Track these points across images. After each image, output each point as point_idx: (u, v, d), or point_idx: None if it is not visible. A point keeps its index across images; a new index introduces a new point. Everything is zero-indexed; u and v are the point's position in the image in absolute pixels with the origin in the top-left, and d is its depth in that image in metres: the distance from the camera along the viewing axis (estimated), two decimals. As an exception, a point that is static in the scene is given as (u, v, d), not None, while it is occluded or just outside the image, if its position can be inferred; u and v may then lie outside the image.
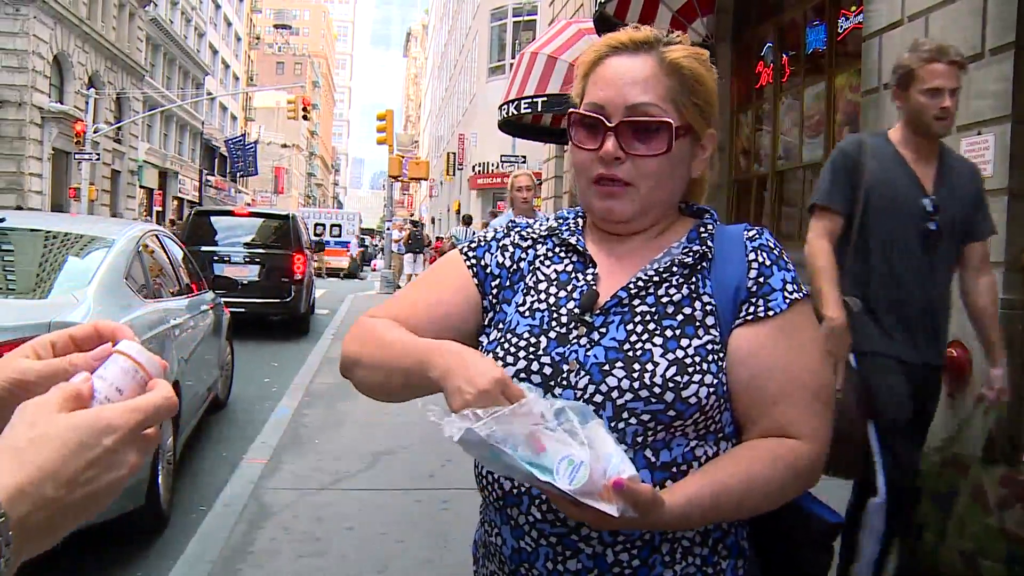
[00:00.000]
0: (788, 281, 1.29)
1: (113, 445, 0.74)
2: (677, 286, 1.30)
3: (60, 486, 0.71)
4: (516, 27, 33.73)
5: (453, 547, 4.21)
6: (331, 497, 4.96)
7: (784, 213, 9.68)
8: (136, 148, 38.48)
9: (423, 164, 27.73)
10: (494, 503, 1.32)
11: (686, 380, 1.21)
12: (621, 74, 1.31)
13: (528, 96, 12.91)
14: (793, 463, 1.23)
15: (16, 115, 27.69)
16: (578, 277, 1.35)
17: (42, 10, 28.26)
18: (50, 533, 0.72)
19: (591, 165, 1.32)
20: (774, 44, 9.81)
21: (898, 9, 6.57)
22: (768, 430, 1.26)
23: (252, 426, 6.75)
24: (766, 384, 1.25)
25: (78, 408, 0.76)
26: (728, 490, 1.18)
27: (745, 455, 1.23)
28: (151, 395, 0.80)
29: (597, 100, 1.32)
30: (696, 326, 1.26)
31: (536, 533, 1.26)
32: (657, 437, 1.22)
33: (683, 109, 1.31)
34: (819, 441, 1.27)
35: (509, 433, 1.02)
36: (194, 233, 12.64)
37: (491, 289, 1.40)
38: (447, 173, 42.64)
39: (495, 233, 1.47)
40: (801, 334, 1.29)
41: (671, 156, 1.30)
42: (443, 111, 60.47)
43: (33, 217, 7.63)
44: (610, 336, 1.27)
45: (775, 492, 1.23)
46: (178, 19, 46.47)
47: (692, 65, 1.32)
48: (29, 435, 0.72)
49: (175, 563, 3.97)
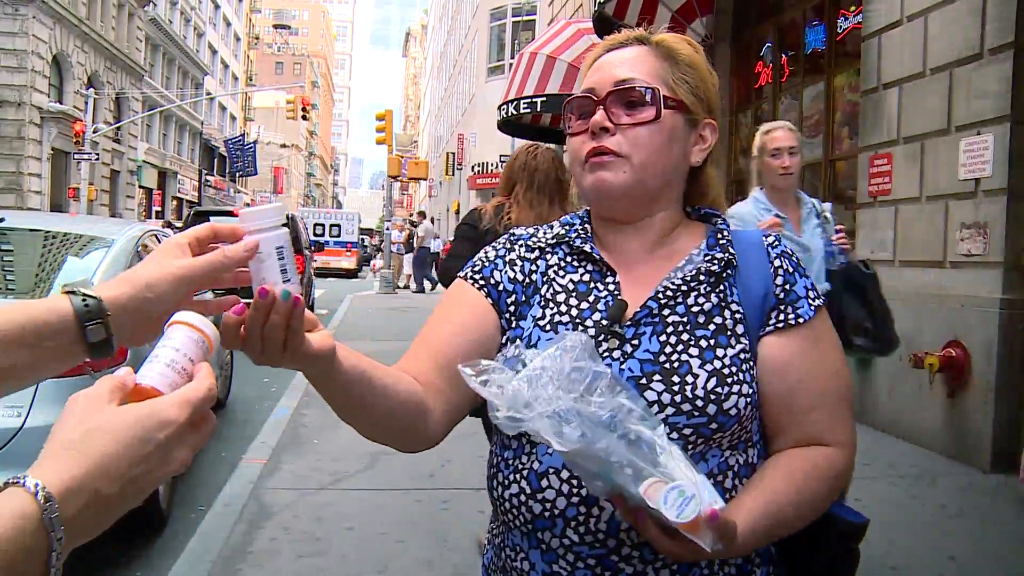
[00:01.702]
0: (809, 288, 1.30)
1: (166, 440, 0.75)
2: (705, 295, 1.27)
3: (113, 482, 0.71)
4: (515, 27, 33.72)
5: (453, 547, 4.21)
6: (331, 497, 4.96)
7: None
8: (135, 148, 38.46)
9: (422, 164, 27.74)
10: (521, 527, 1.25)
11: (727, 391, 1.19)
12: (611, 60, 1.33)
13: (527, 96, 12.90)
14: (829, 471, 1.24)
15: (15, 115, 27.68)
16: (598, 287, 1.30)
17: (41, 10, 28.24)
18: (96, 526, 0.72)
19: (582, 147, 1.30)
20: (773, 44, 9.81)
21: (897, 9, 6.57)
22: (801, 438, 1.26)
23: (251, 426, 6.74)
24: (799, 394, 1.25)
25: (125, 399, 0.77)
26: (782, 511, 1.18)
27: (792, 470, 1.22)
28: (198, 385, 0.81)
29: (587, 85, 1.32)
30: (728, 335, 1.24)
31: (572, 556, 1.20)
32: (696, 450, 1.19)
33: (674, 86, 1.30)
34: (850, 445, 1.28)
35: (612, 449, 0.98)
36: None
37: (507, 307, 1.34)
38: (446, 173, 42.63)
39: (496, 250, 1.41)
40: (827, 340, 1.30)
41: (662, 126, 1.28)
42: (442, 111, 60.44)
43: (32, 217, 7.62)
44: (643, 348, 1.23)
45: (820, 504, 1.24)
46: (177, 19, 46.45)
47: (682, 47, 1.33)
48: (83, 428, 0.73)
49: (175, 562, 3.97)
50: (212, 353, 0.87)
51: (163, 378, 0.81)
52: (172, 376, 0.82)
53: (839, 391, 1.28)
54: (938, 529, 4.48)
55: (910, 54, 6.41)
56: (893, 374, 6.32)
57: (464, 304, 1.35)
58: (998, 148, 5.52)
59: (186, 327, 0.86)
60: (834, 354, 1.30)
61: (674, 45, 1.33)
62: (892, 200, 6.62)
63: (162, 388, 0.80)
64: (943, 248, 6.02)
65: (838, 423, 1.27)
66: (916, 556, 4.14)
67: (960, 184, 5.86)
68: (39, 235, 5.00)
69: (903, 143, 6.51)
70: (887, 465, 5.58)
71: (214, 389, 0.81)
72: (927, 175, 6.23)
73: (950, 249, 5.96)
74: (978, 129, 5.70)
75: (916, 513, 4.76)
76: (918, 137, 6.33)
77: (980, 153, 5.66)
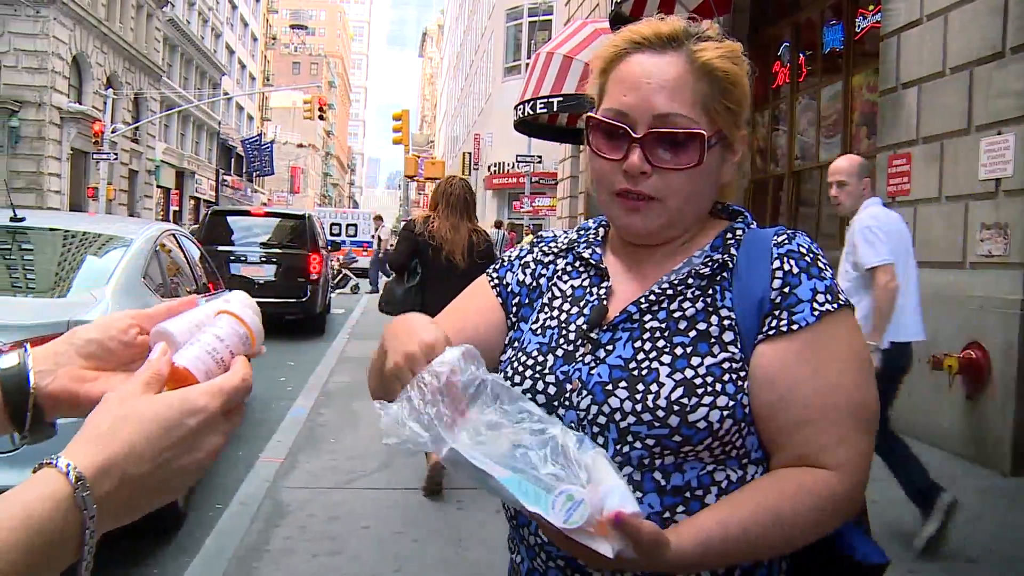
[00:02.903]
0: (820, 291, 1.15)
1: (197, 426, 0.76)
2: (692, 299, 1.19)
3: (143, 463, 0.72)
4: (532, 27, 33.73)
5: (468, 546, 4.21)
6: (346, 496, 4.97)
7: (801, 213, 9.64)
8: (153, 148, 38.71)
9: (439, 164, 27.86)
10: (509, 521, 1.28)
11: (694, 403, 1.10)
12: (646, 77, 1.18)
13: (544, 96, 12.90)
14: (819, 499, 1.09)
15: (36, 115, 27.91)
16: (592, 292, 1.27)
17: (62, 11, 28.46)
18: (130, 510, 0.73)
19: (613, 177, 1.21)
20: (791, 43, 9.77)
21: (917, 8, 6.52)
22: (795, 457, 1.13)
23: (268, 425, 6.77)
24: (788, 405, 1.12)
25: (160, 388, 0.78)
26: (744, 532, 1.06)
27: (768, 489, 1.11)
28: (232, 375, 0.81)
29: (620, 107, 1.19)
30: (711, 343, 1.15)
31: (545, 555, 1.20)
32: (665, 461, 1.12)
33: (715, 115, 1.19)
34: (852, 472, 1.12)
35: (492, 451, 0.96)
36: (211, 233, 12.69)
37: (512, 308, 1.34)
38: (463, 173, 42.68)
39: (519, 251, 1.41)
40: (831, 350, 1.14)
41: (702, 169, 1.18)
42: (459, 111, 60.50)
43: (52, 216, 7.68)
44: (616, 354, 1.18)
45: (798, 534, 1.10)
46: (195, 20, 46.72)
47: (726, 66, 1.20)
48: (114, 415, 0.74)
49: (191, 560, 3.99)
50: (253, 349, 0.88)
51: (201, 363, 0.82)
52: (210, 363, 0.82)
53: (842, 407, 1.12)
54: (957, 532, 4.44)
55: (930, 53, 6.36)
56: (912, 375, 6.27)
57: (478, 299, 1.37)
58: (1019, 148, 5.47)
59: (234, 320, 0.86)
60: (839, 366, 1.14)
61: (716, 63, 1.19)
62: (911, 200, 6.57)
63: (197, 374, 0.81)
64: (963, 249, 5.97)
65: (839, 443, 1.11)
66: (933, 559, 4.10)
67: (980, 184, 5.81)
68: (59, 234, 5.04)
69: (922, 143, 6.46)
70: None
71: (249, 380, 0.82)
72: (946, 175, 6.18)
73: (970, 250, 5.91)
74: (999, 129, 5.65)
75: (935, 516, 4.72)
76: (937, 137, 6.28)
77: (1001, 153, 5.60)
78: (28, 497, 0.66)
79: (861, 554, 1.18)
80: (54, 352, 0.87)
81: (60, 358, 0.86)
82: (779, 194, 9.97)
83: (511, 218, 32.35)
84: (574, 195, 18.25)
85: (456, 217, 5.28)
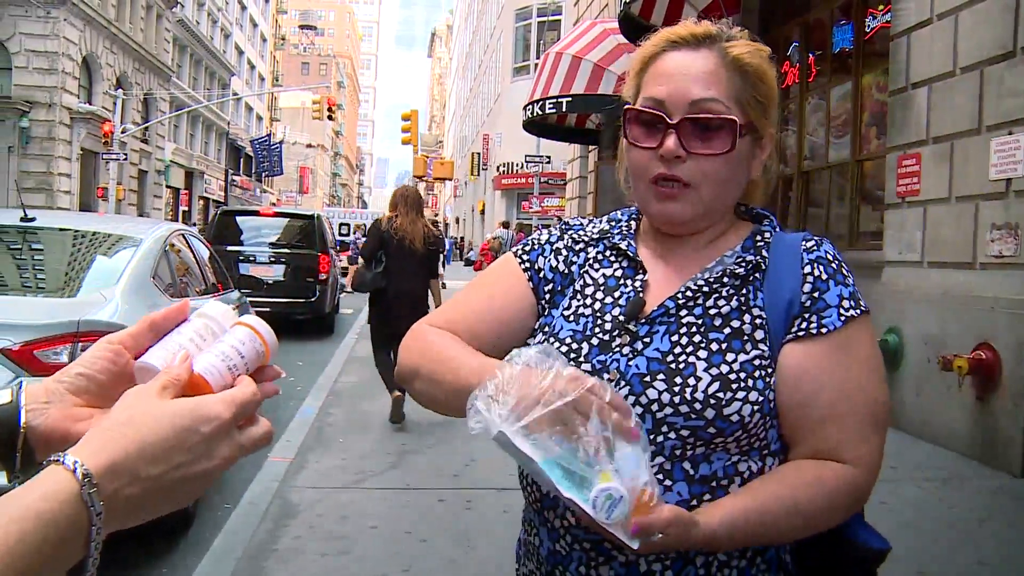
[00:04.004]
0: (845, 297, 1.24)
1: (209, 434, 0.76)
2: (727, 298, 1.25)
3: (153, 464, 0.72)
4: (541, 27, 33.72)
5: (477, 547, 4.21)
6: (355, 496, 4.98)
7: (810, 214, 9.61)
8: (163, 148, 38.84)
9: (448, 164, 27.89)
10: (532, 504, 1.31)
11: (729, 397, 1.17)
12: (682, 68, 1.26)
13: (553, 96, 12.91)
14: (836, 489, 1.19)
15: (46, 116, 28.05)
16: (626, 283, 1.31)
17: (72, 12, 28.59)
18: (137, 511, 0.74)
19: (649, 164, 1.26)
20: (800, 43, 9.74)
21: (927, 7, 6.49)
22: (815, 451, 1.21)
23: (277, 424, 6.74)
24: (814, 404, 1.20)
25: (177, 394, 0.78)
26: (768, 514, 1.14)
27: (790, 477, 1.19)
28: (244, 388, 0.81)
29: (656, 95, 1.26)
30: (744, 340, 1.22)
31: (571, 537, 1.24)
32: (696, 451, 1.19)
33: (746, 107, 1.26)
34: (867, 467, 1.21)
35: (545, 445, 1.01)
36: (220, 233, 12.73)
37: (544, 294, 1.37)
38: (471, 173, 42.69)
39: (548, 235, 1.43)
40: (855, 353, 1.23)
41: (733, 156, 1.25)
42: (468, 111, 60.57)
43: (62, 216, 7.71)
44: (654, 347, 1.23)
45: (818, 519, 1.19)
46: (204, 20, 46.83)
47: (756, 61, 1.28)
48: (128, 414, 0.74)
49: (200, 560, 4.00)
50: (267, 362, 0.88)
51: (216, 372, 0.82)
52: (225, 373, 0.82)
53: (862, 408, 1.21)
54: (966, 533, 4.42)
55: (940, 53, 6.33)
56: (921, 376, 6.25)
57: (505, 281, 1.40)
58: (1030, 148, 5.44)
59: (253, 333, 0.87)
60: (862, 369, 1.23)
61: (747, 59, 1.27)
62: (921, 201, 6.55)
63: (211, 382, 0.81)
64: (973, 249, 5.95)
65: (858, 441, 1.21)
66: (943, 560, 4.09)
67: (991, 184, 5.78)
68: (68, 234, 5.07)
69: (932, 143, 6.44)
70: (914, 467, 5.51)
71: (258, 393, 0.82)
72: (956, 175, 6.16)
73: (980, 250, 5.88)
74: (1009, 129, 5.62)
75: (943, 517, 4.70)
76: (947, 137, 6.26)
77: (1011, 153, 5.58)
78: (34, 494, 0.66)
79: (863, 539, 1.26)
80: (45, 390, 0.84)
81: (52, 396, 0.84)
82: (788, 194, 9.94)
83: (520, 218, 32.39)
84: (583, 195, 18.24)
85: (413, 214, 6.92)
